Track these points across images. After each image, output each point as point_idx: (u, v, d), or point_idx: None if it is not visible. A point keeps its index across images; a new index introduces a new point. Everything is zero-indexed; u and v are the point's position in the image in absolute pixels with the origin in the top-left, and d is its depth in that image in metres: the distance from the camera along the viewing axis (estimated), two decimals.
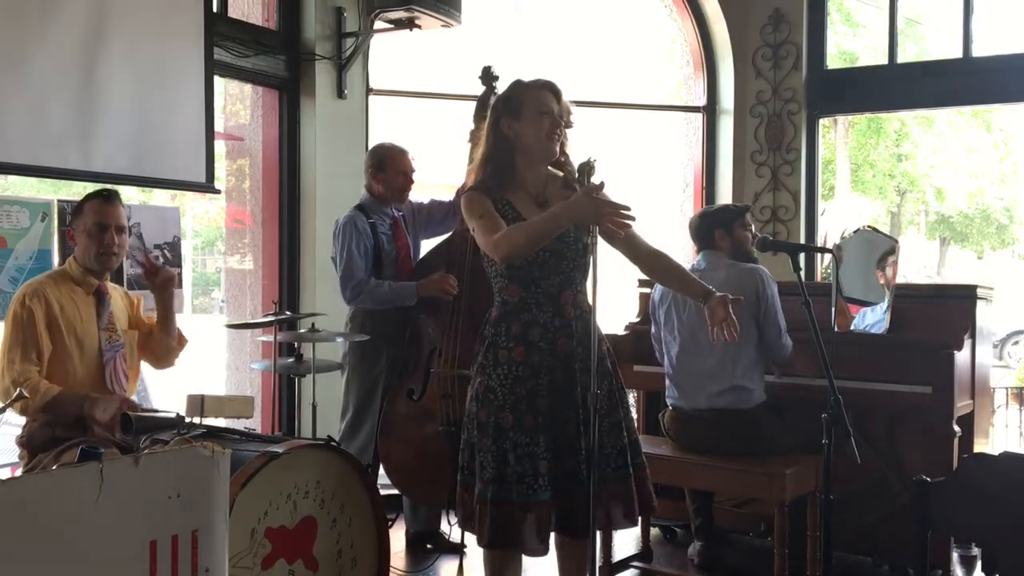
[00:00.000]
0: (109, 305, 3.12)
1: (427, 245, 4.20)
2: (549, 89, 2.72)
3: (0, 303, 3.38)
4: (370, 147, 4.23)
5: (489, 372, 2.70)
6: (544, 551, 2.68)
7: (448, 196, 4.18)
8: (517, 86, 2.75)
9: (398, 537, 4.06)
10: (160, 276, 3.27)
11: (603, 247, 2.61)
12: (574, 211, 2.53)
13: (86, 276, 3.07)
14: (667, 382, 3.78)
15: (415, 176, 4.08)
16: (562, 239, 2.68)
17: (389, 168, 4.00)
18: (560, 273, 2.71)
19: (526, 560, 2.79)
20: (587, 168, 2.61)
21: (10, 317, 2.96)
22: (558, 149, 2.73)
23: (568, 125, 2.75)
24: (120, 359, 3.10)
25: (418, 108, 5.51)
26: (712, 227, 3.82)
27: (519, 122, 2.69)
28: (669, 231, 6.04)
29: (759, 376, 3.63)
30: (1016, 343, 13.95)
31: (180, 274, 4.15)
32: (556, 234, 2.61)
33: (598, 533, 2.98)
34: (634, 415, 5.19)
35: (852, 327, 3.97)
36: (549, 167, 2.79)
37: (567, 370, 2.70)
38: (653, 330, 3.90)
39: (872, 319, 3.97)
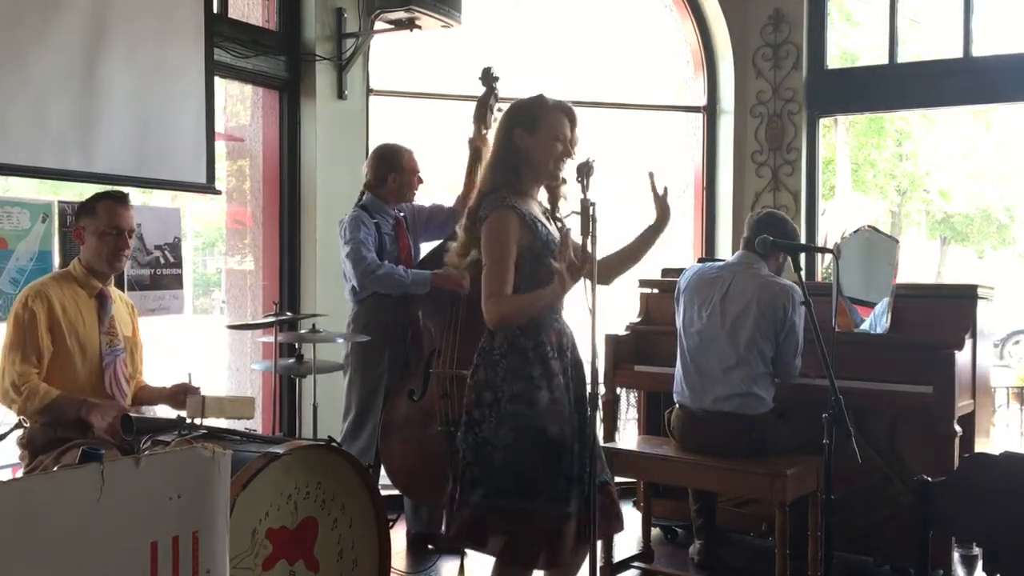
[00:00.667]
0: (111, 309, 3.11)
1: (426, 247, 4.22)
2: (567, 115, 2.71)
3: (1, 304, 3.38)
4: (374, 148, 4.22)
5: (544, 385, 2.62)
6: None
7: (449, 200, 4.19)
8: (538, 102, 2.72)
9: (399, 537, 4.06)
10: (181, 394, 3.20)
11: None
12: (564, 282, 2.54)
13: (89, 278, 3.07)
14: (676, 377, 3.77)
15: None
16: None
17: (406, 168, 4.03)
18: None
19: None
20: (586, 169, 2.61)
21: (12, 318, 2.96)
22: (561, 175, 2.73)
23: (573, 155, 2.74)
24: (120, 364, 3.10)
25: (418, 108, 5.51)
26: (780, 247, 3.72)
27: (532, 138, 2.68)
28: (670, 231, 6.02)
29: (770, 384, 3.63)
30: (1017, 343, 13.94)
31: (181, 276, 4.16)
32: None
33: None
34: (634, 415, 5.21)
35: (862, 328, 3.97)
36: None
37: (578, 377, 2.73)
38: (676, 321, 3.87)
39: (874, 319, 3.97)
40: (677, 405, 3.78)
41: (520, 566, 2.67)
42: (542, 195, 2.82)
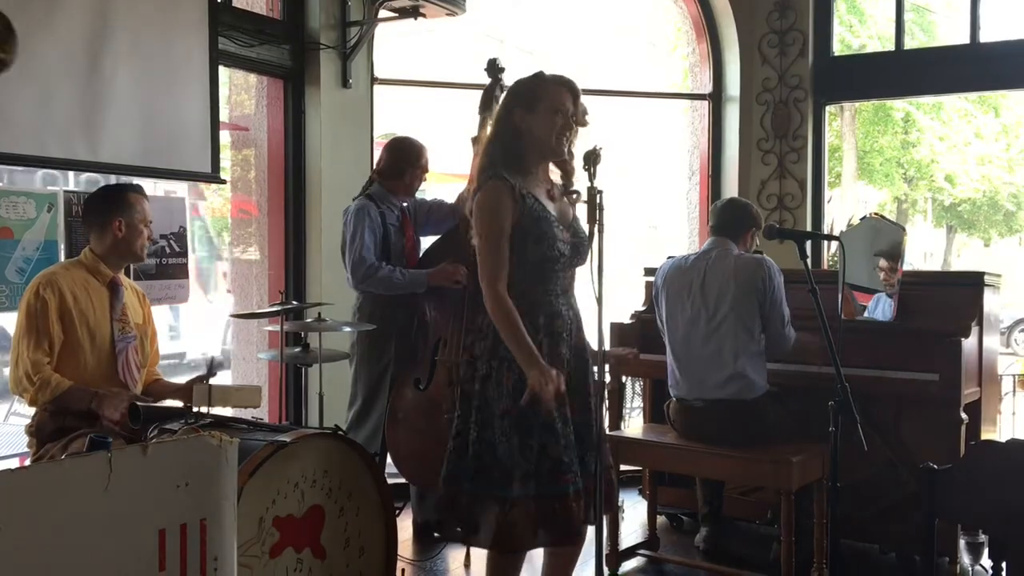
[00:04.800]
0: (123, 297, 3.13)
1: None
2: (568, 88, 2.69)
3: (8, 294, 3.39)
4: (392, 138, 4.21)
5: (516, 366, 2.60)
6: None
7: (451, 196, 4.19)
8: (537, 79, 2.71)
9: (405, 526, 4.07)
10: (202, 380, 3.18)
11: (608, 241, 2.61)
12: (532, 373, 2.53)
13: (100, 266, 3.08)
14: (669, 371, 3.78)
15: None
16: (577, 234, 2.73)
17: (421, 164, 4.06)
18: (574, 266, 2.75)
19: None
20: (593, 157, 2.60)
21: (24, 307, 2.97)
22: (565, 150, 2.72)
23: (583, 124, 2.72)
24: (132, 351, 3.11)
25: (422, 97, 5.50)
26: (749, 226, 3.82)
27: (532, 115, 2.66)
28: (675, 219, 6.02)
29: (762, 366, 3.63)
30: (1023, 330, 13.91)
31: (186, 265, 4.16)
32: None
33: (604, 521, 2.98)
34: (640, 403, 5.22)
35: (865, 315, 3.96)
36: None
37: (580, 360, 2.73)
38: (657, 317, 3.90)
39: (880, 308, 3.97)
40: (674, 398, 3.79)
41: (506, 552, 2.66)
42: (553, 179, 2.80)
